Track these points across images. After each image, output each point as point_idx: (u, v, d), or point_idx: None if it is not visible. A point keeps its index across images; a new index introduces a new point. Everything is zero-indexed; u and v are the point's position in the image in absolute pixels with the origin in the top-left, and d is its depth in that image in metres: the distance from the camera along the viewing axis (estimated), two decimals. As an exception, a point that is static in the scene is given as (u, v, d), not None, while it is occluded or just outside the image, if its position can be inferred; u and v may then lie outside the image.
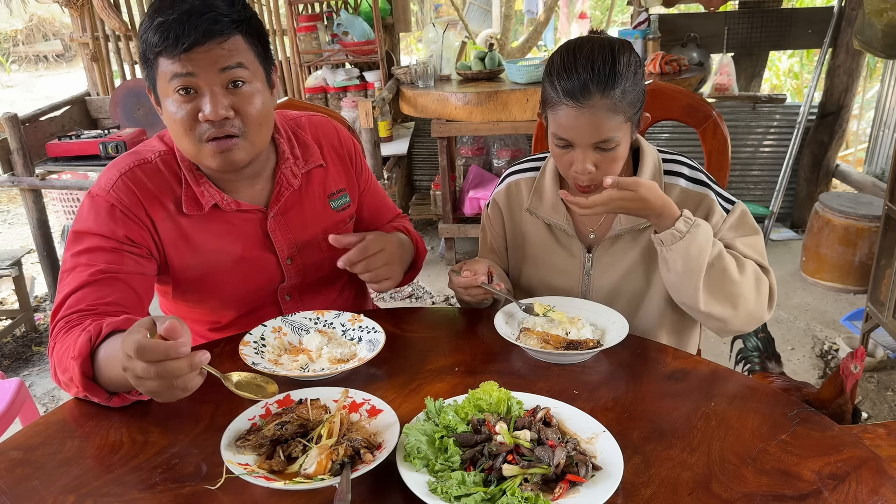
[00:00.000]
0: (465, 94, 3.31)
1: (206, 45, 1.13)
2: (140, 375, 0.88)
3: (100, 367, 1.04)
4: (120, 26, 3.95)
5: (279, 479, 0.87)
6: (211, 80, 1.15)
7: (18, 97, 9.71)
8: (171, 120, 1.19)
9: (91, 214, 1.23)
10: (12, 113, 3.39)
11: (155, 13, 1.14)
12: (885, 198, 2.70)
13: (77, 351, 1.04)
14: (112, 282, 1.19)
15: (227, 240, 1.32)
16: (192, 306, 1.40)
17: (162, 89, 1.18)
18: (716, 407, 1.06)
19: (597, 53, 1.21)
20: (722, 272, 1.25)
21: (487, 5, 7.56)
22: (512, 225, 1.50)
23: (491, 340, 1.28)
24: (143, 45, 1.17)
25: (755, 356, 2.06)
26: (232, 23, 1.15)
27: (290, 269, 1.39)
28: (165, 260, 1.30)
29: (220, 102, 1.15)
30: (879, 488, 0.88)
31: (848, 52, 3.86)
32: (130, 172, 1.25)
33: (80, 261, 1.20)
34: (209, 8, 1.13)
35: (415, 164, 4.68)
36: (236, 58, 1.16)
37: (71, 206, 4.40)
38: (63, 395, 2.90)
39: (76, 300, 1.16)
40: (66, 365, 1.07)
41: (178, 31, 1.11)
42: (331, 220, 1.43)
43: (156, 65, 1.16)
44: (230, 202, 1.30)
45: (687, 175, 1.37)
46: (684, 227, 1.22)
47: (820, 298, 3.42)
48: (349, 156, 1.47)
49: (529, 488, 0.85)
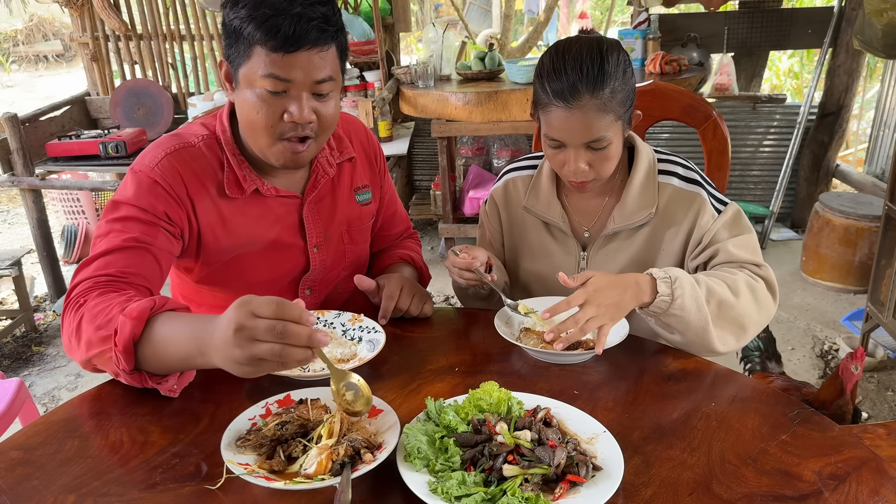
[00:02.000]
0: (465, 94, 3.31)
1: (309, 50, 1.15)
2: (259, 336, 0.86)
3: (151, 340, 1.03)
4: (120, 26, 3.95)
5: (279, 479, 0.87)
6: (304, 86, 1.18)
7: (18, 97, 9.71)
8: (252, 111, 1.20)
9: (132, 187, 1.24)
10: (12, 113, 3.39)
11: (260, 4, 1.13)
12: (885, 198, 2.70)
13: (136, 311, 1.02)
14: (143, 253, 1.20)
15: (264, 223, 1.34)
16: (216, 291, 1.39)
17: (248, 77, 1.18)
18: (716, 407, 1.06)
19: (585, 54, 1.22)
20: (718, 305, 1.22)
21: (487, 5, 7.56)
22: (509, 222, 1.52)
23: (491, 340, 1.28)
24: (235, 29, 1.16)
25: (756, 356, 2.06)
26: (334, 33, 1.18)
27: (316, 258, 1.41)
28: (199, 242, 1.31)
29: (307, 107, 1.19)
30: (880, 489, 0.88)
31: (848, 52, 3.86)
32: (176, 153, 1.27)
33: (114, 227, 1.21)
34: (316, 14, 1.15)
35: (415, 164, 4.68)
36: (329, 70, 1.19)
37: (71, 206, 4.39)
38: (63, 395, 2.90)
39: (105, 263, 1.17)
40: (108, 320, 1.04)
41: (287, 32, 1.12)
42: (355, 212, 1.46)
43: (249, 52, 1.16)
44: (270, 188, 1.33)
45: (681, 174, 1.37)
46: (667, 289, 1.18)
47: (820, 298, 3.42)
48: (375, 156, 1.53)
49: (530, 488, 0.85)
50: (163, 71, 4.09)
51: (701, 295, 1.20)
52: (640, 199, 1.36)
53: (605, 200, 1.42)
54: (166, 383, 1.08)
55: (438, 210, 4.00)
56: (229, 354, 0.89)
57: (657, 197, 1.36)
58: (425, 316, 1.39)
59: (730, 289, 1.23)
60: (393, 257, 1.58)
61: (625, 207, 1.37)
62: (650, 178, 1.37)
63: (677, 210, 1.36)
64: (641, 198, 1.36)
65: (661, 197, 1.36)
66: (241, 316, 0.88)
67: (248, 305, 0.88)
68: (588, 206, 1.44)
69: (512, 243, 1.52)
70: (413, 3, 6.99)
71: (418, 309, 1.38)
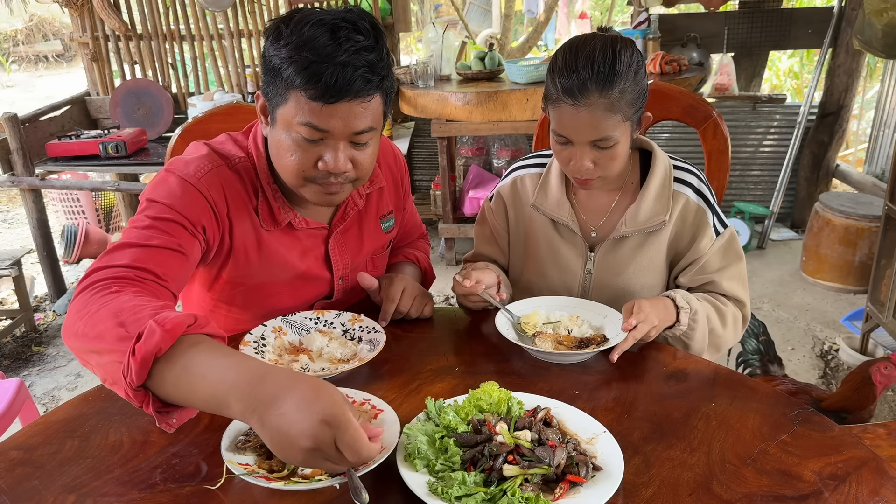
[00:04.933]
0: (465, 94, 3.31)
1: (350, 102, 1.08)
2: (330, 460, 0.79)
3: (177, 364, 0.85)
4: (120, 26, 3.95)
5: (279, 479, 0.87)
6: (342, 137, 1.12)
7: (18, 97, 9.71)
8: (284, 152, 1.15)
9: (177, 191, 1.17)
10: (12, 113, 3.39)
11: (303, 46, 1.05)
12: (885, 198, 2.70)
13: (171, 323, 0.85)
14: (182, 260, 1.14)
15: (294, 254, 1.32)
16: (232, 311, 1.36)
17: (286, 120, 1.12)
18: (716, 407, 1.06)
19: (598, 52, 1.22)
20: (711, 332, 1.35)
21: (487, 5, 7.55)
22: (516, 220, 1.51)
23: (491, 340, 1.28)
24: (275, 68, 1.09)
25: (756, 360, 2.05)
26: (379, 82, 1.11)
27: (340, 288, 1.40)
28: (227, 262, 1.27)
29: (343, 157, 1.14)
30: (880, 489, 0.88)
31: (848, 52, 3.86)
32: (221, 169, 1.22)
33: (157, 225, 1.13)
34: (361, 63, 1.07)
35: (415, 164, 4.68)
36: (370, 121, 1.13)
37: (71, 206, 4.39)
38: (63, 395, 2.89)
39: (146, 256, 1.08)
40: (135, 319, 0.89)
41: (329, 82, 1.05)
42: (380, 241, 1.44)
43: (287, 94, 1.10)
44: (301, 220, 1.30)
45: (694, 186, 1.38)
46: (687, 320, 1.28)
47: (820, 298, 3.42)
48: (401, 178, 1.49)
49: (530, 489, 0.85)
50: (163, 71, 4.09)
51: (707, 327, 1.32)
52: (655, 206, 1.36)
53: (614, 200, 1.42)
54: (167, 415, 0.89)
55: (438, 210, 4.00)
56: (285, 451, 0.79)
57: (671, 205, 1.36)
58: (425, 317, 1.39)
59: (720, 319, 1.36)
60: (398, 256, 1.57)
61: (638, 212, 1.36)
62: (666, 185, 1.37)
63: (685, 222, 1.37)
64: (656, 204, 1.36)
65: (675, 206, 1.36)
66: (322, 439, 0.76)
67: (333, 430, 0.77)
68: (597, 205, 1.43)
69: (517, 241, 1.52)
70: (413, 3, 6.99)
71: (418, 311, 1.37)
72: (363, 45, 1.07)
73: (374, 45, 1.09)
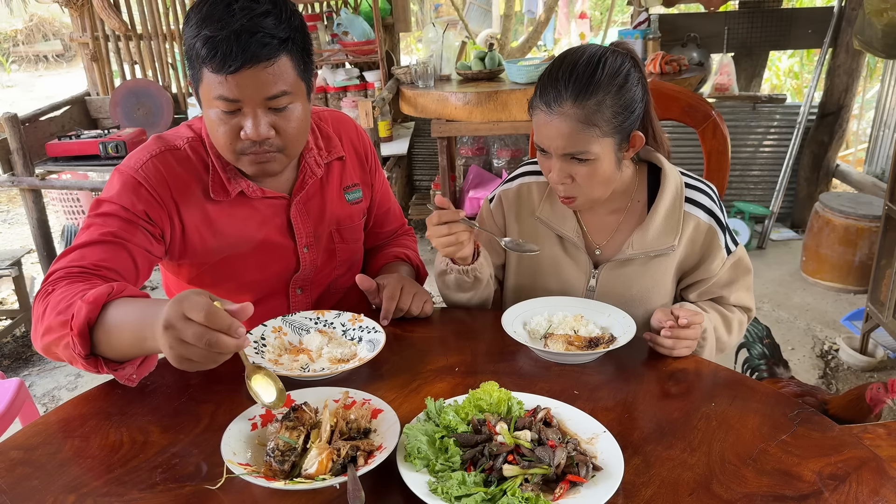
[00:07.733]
0: (465, 94, 3.31)
1: (253, 68, 1.12)
2: (187, 339, 0.87)
3: (105, 324, 1.02)
4: (120, 26, 3.95)
5: (279, 479, 0.87)
6: (254, 103, 1.16)
7: (18, 97, 9.71)
8: (213, 129, 1.21)
9: (116, 186, 1.25)
10: (12, 113, 3.39)
11: (203, 22, 1.11)
12: (885, 198, 2.70)
13: (93, 296, 1.01)
14: (118, 248, 1.20)
15: (251, 225, 1.35)
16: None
17: (205, 97, 1.18)
18: (716, 407, 1.06)
19: (582, 60, 1.19)
20: (717, 340, 1.35)
21: (487, 5, 7.55)
22: (518, 227, 1.46)
23: (491, 340, 1.28)
24: (189, 49, 1.16)
25: (762, 364, 2.04)
26: (280, 44, 1.13)
27: (306, 258, 1.41)
28: (184, 243, 1.31)
29: (262, 123, 1.17)
30: (880, 489, 0.88)
31: (848, 52, 3.86)
32: (161, 156, 1.28)
33: (95, 221, 1.22)
34: (258, 28, 1.10)
35: (415, 164, 4.68)
36: (280, 84, 1.16)
37: (71, 206, 4.39)
38: (63, 395, 2.90)
39: (80, 255, 1.17)
40: (68, 306, 1.04)
41: (226, 52, 1.10)
42: (345, 211, 1.46)
43: (201, 73, 1.16)
44: (255, 189, 1.33)
45: (706, 207, 1.34)
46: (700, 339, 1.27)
47: (820, 298, 3.42)
48: (365, 153, 1.52)
49: (530, 488, 0.85)
50: (163, 71, 4.09)
51: (714, 338, 1.32)
52: (663, 228, 1.32)
53: (620, 219, 1.38)
54: (122, 370, 1.05)
55: (438, 210, 3.99)
56: (162, 347, 0.91)
57: (681, 227, 1.32)
58: (426, 315, 1.39)
59: (726, 328, 1.36)
60: (388, 256, 1.57)
61: (646, 234, 1.32)
62: (676, 206, 1.32)
63: (695, 244, 1.34)
64: (664, 226, 1.32)
65: (685, 228, 1.32)
66: (173, 315, 0.88)
67: (181, 305, 0.88)
68: (602, 222, 1.39)
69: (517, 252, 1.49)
70: (413, 3, 6.99)
71: (419, 308, 1.37)
72: (259, 11, 1.11)
73: (270, 9, 1.13)
